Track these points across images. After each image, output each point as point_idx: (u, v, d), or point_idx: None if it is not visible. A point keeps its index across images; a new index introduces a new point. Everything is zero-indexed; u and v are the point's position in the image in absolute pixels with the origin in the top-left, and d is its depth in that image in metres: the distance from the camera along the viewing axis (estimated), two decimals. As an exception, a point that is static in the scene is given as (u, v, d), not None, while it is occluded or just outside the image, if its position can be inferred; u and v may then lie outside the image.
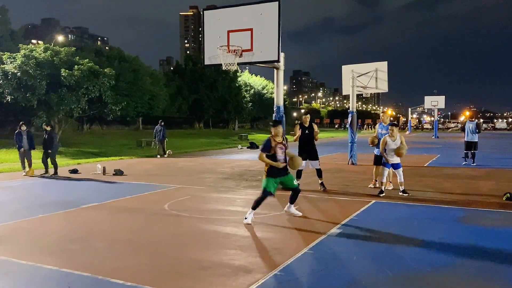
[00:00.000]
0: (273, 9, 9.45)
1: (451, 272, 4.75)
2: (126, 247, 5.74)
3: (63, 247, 5.76)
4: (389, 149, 9.25)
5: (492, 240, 5.96)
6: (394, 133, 9.24)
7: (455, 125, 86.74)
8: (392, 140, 9.25)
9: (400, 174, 9.41)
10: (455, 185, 10.81)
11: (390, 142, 9.26)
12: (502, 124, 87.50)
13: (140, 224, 7.07)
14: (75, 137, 29.19)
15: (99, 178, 12.65)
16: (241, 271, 4.78)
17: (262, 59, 9.76)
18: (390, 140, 9.26)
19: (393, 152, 9.18)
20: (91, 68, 21.84)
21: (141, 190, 10.43)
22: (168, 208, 8.25)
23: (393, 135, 9.24)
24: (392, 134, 9.25)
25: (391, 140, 9.25)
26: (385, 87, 18.12)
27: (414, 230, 6.48)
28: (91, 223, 7.15)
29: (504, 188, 9.89)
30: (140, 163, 17.49)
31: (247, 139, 35.04)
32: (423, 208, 8.08)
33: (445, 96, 46.33)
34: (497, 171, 13.87)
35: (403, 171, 9.55)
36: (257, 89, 62.25)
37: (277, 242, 5.95)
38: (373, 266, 4.92)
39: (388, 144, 9.26)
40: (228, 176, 13.09)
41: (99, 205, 8.64)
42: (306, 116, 10.50)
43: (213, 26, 10.24)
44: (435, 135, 42.99)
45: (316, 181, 10.53)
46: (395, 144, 9.18)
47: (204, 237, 6.22)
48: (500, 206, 8.18)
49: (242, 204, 8.69)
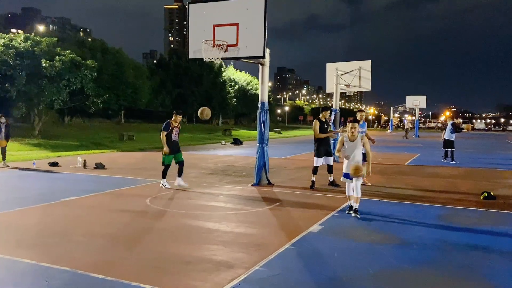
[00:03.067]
0: (259, 4, 9.42)
1: (430, 269, 4.82)
2: (106, 242, 5.66)
3: (42, 241, 5.66)
4: (346, 151, 7.08)
5: (470, 238, 6.08)
6: (355, 132, 7.06)
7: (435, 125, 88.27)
8: (351, 140, 7.05)
9: (358, 186, 7.04)
10: (435, 184, 10.99)
11: (348, 143, 7.05)
12: (481, 125, 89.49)
13: (121, 218, 6.99)
14: (56, 129, 28.64)
15: (79, 172, 12.46)
16: (223, 266, 4.77)
17: (248, 54, 9.73)
18: (347, 140, 7.06)
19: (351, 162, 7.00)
20: (73, 59, 21.46)
21: (122, 184, 10.31)
22: (150, 202, 8.18)
23: (354, 134, 7.03)
24: (354, 133, 7.03)
25: (349, 140, 7.06)
26: (368, 86, 18.31)
27: (395, 228, 6.57)
28: (70, 217, 7.04)
29: (482, 187, 10.11)
30: (122, 156, 17.29)
31: (231, 135, 34.97)
32: (403, 206, 8.19)
33: (426, 96, 47.02)
34: (475, 170, 14.16)
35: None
36: (241, 85, 62.09)
37: (259, 237, 5.95)
38: (354, 263, 4.97)
39: (345, 145, 7.07)
40: (211, 171, 13.05)
41: (79, 198, 8.51)
42: (325, 112, 10.19)
43: (199, 19, 10.16)
44: (416, 134, 43.61)
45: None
46: (354, 147, 7.03)
47: (186, 232, 6.19)
48: (478, 204, 8.35)
49: (225, 199, 8.67)
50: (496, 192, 9.48)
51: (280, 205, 8.09)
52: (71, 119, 40.96)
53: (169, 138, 9.58)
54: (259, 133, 10.57)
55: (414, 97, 47.02)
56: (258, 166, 10.48)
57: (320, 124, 10.02)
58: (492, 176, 12.72)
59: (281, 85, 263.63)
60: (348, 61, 18.81)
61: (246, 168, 13.75)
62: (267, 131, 10.56)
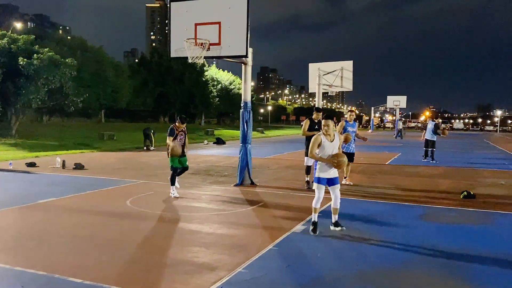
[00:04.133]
0: (242, 3, 9.36)
1: (413, 268, 4.85)
2: (85, 244, 5.52)
3: (17, 244, 5.49)
4: (324, 153, 6.19)
5: (451, 237, 6.14)
6: (330, 130, 6.19)
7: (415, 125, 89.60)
8: (328, 140, 6.20)
9: (337, 194, 6.26)
10: (416, 183, 11.11)
11: (326, 143, 6.17)
12: (460, 124, 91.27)
13: (101, 220, 6.85)
14: (34, 129, 28.03)
15: (58, 172, 12.19)
16: (205, 268, 4.70)
17: (230, 53, 9.66)
18: (325, 140, 6.18)
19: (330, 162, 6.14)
20: (51, 57, 21.02)
21: (102, 185, 10.12)
22: (130, 204, 8.03)
23: (329, 133, 6.19)
24: (328, 132, 6.19)
25: (327, 140, 6.19)
26: (350, 86, 18.46)
27: (377, 227, 6.59)
28: (48, 219, 6.86)
29: (462, 187, 10.26)
30: (102, 156, 17.01)
31: (214, 135, 34.80)
32: (385, 206, 8.24)
33: (406, 96, 47.73)
34: (455, 169, 14.39)
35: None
36: (224, 84, 61.91)
37: (242, 239, 5.90)
38: (337, 263, 4.95)
39: (323, 145, 6.17)
40: (193, 171, 12.93)
41: (57, 200, 8.31)
42: (318, 113, 9.82)
43: (180, 18, 10.04)
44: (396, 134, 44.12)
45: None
46: (333, 148, 6.19)
47: (168, 234, 6.08)
48: (458, 204, 8.46)
49: (207, 200, 8.59)
50: (475, 191, 9.64)
51: (263, 206, 8.05)
52: (49, 119, 40.22)
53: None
54: (242, 132, 10.51)
55: (394, 97, 47.74)
56: (241, 166, 10.42)
57: (310, 123, 9.84)
58: (471, 175, 12.94)
59: (264, 85, 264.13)
60: (330, 61, 18.92)
61: (229, 168, 13.67)
62: (250, 130, 10.51)
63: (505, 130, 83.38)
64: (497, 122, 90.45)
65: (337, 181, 6.25)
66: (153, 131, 21.33)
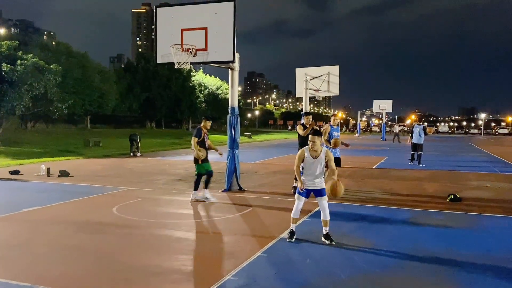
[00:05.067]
0: (228, 9, 9.36)
1: (401, 272, 4.86)
2: (71, 253, 5.42)
3: (0, 254, 5.35)
4: (307, 168, 5.88)
5: (439, 240, 6.18)
6: (315, 146, 5.79)
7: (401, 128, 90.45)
8: (312, 156, 5.81)
9: (324, 205, 5.91)
10: (403, 187, 11.19)
11: (309, 159, 5.82)
12: (445, 128, 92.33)
13: (87, 228, 6.73)
14: (18, 136, 27.57)
15: (43, 180, 11.99)
16: (193, 276, 4.64)
17: (217, 59, 9.64)
18: (309, 155, 5.83)
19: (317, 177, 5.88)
20: (35, 63, 20.74)
21: (88, 192, 9.97)
22: (117, 211, 7.92)
23: (314, 149, 5.79)
24: (314, 148, 5.79)
25: (310, 156, 5.82)
26: (336, 91, 18.54)
27: (365, 232, 6.60)
28: (33, 228, 6.72)
29: (448, 190, 10.36)
30: (88, 163, 16.79)
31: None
32: (373, 210, 8.27)
33: (392, 100, 48.20)
34: (441, 173, 14.53)
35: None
36: (211, 89, 61.81)
37: (231, 246, 5.85)
38: (326, 269, 4.94)
39: (306, 161, 5.84)
40: (181, 177, 12.83)
41: (42, 208, 8.16)
42: (307, 117, 9.84)
43: (166, 23, 9.99)
44: (383, 137, 44.55)
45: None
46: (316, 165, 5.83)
47: (155, 242, 6.01)
48: (445, 207, 8.53)
49: (195, 206, 8.51)
50: (461, 194, 9.74)
51: (252, 211, 8.02)
52: (34, 125, 39.62)
53: (202, 145, 8.90)
54: (229, 138, 10.48)
55: (381, 101, 48.14)
56: (229, 171, 10.38)
57: (303, 129, 9.88)
58: (457, 178, 13.08)
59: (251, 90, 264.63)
60: (316, 65, 19.02)
61: (216, 174, 13.57)
62: (237, 135, 10.48)
63: (489, 133, 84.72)
64: (481, 125, 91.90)
65: (323, 192, 5.92)
66: (139, 137, 21.15)
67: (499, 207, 8.62)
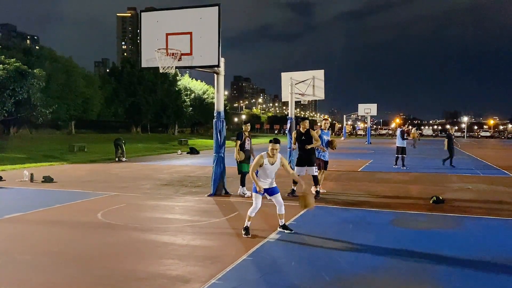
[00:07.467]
0: (213, 13, 9.40)
1: (385, 273, 4.92)
2: (54, 260, 5.36)
3: (-18, 262, 5.27)
4: (264, 173, 6.59)
5: (422, 241, 6.27)
6: (276, 153, 6.56)
7: (386, 131, 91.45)
8: (270, 162, 6.55)
9: (279, 201, 6.61)
10: (387, 189, 11.32)
11: (267, 165, 6.54)
12: (429, 131, 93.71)
13: (71, 234, 6.67)
14: (0, 141, 27.13)
15: (26, 186, 11.82)
16: (179, 281, 4.64)
17: (202, 63, 9.65)
18: (267, 162, 6.53)
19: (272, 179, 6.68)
20: (18, 68, 20.51)
21: (72, 198, 9.87)
22: (102, 217, 7.86)
23: (274, 155, 6.55)
24: (273, 154, 6.54)
25: (268, 162, 6.54)
26: (321, 95, 18.65)
27: (350, 234, 6.67)
28: (15, 235, 6.63)
29: (431, 192, 10.51)
30: (72, 169, 16.61)
31: (187, 144, 34.54)
32: (357, 212, 8.35)
33: (377, 104, 48.63)
34: (424, 175, 14.74)
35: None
36: (197, 93, 61.66)
37: (216, 249, 5.86)
38: (311, 271, 4.98)
39: (264, 167, 6.54)
40: (166, 182, 12.78)
41: (25, 214, 8.05)
42: (304, 122, 9.96)
43: (151, 28, 9.98)
44: (368, 141, 44.96)
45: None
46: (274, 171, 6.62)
47: (140, 247, 5.98)
48: (428, 209, 8.66)
49: (181, 211, 8.50)
50: (444, 195, 9.90)
51: (238, 215, 8.03)
52: (17, 131, 39.03)
53: (243, 147, 10.13)
54: (215, 142, 10.48)
55: (365, 105, 48.51)
56: (215, 175, 10.37)
57: (297, 136, 10.01)
58: (440, 180, 13.27)
59: (238, 94, 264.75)
60: (302, 69, 19.08)
61: (202, 178, 13.59)
62: (223, 140, 10.49)
63: (471, 136, 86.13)
64: (464, 128, 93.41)
65: (277, 190, 6.65)
66: (124, 142, 21.00)
67: (481, 208, 8.78)
